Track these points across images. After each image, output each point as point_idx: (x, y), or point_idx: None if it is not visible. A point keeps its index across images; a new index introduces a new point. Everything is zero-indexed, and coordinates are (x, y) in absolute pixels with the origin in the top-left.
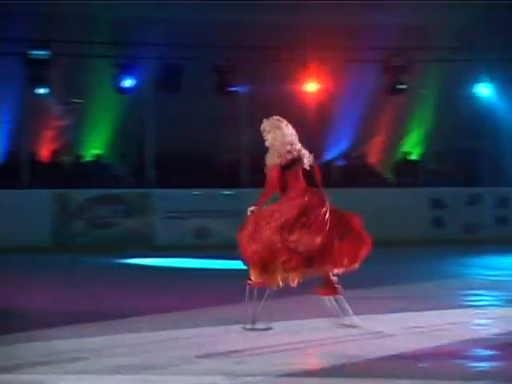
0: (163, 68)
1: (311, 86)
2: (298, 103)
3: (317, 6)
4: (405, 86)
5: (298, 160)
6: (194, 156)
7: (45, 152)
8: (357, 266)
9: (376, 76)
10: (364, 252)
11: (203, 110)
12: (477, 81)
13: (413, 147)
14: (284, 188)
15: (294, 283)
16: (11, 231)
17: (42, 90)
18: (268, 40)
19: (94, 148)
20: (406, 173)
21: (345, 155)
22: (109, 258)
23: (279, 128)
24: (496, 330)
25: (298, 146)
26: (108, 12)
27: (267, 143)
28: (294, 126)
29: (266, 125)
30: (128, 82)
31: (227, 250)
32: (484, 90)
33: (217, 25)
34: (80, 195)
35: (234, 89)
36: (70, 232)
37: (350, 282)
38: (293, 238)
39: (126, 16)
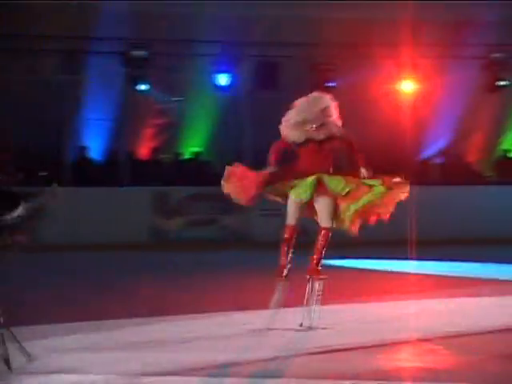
0: (261, 66)
1: (408, 84)
2: (395, 100)
3: (414, 2)
4: (505, 83)
5: None
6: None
7: (144, 150)
8: None
9: (475, 72)
10: None
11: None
12: None
13: None
14: None
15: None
16: (111, 229)
17: (141, 89)
18: (365, 37)
19: (192, 146)
20: (507, 170)
21: (442, 153)
22: (207, 256)
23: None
24: None
25: None
26: (206, 10)
27: (329, 119)
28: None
29: (323, 100)
30: (226, 80)
31: None
32: None
33: (314, 22)
34: (179, 193)
35: (330, 86)
36: (168, 230)
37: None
38: None
39: (224, 14)
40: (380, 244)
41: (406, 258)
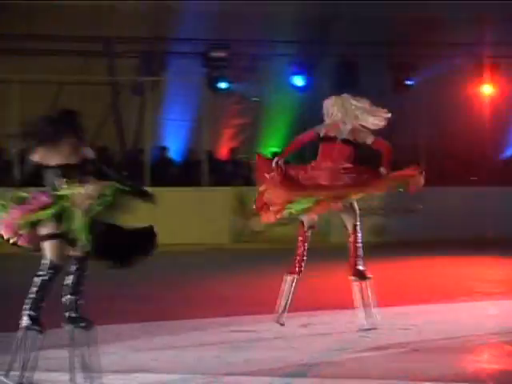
0: (340, 65)
1: (488, 83)
2: (475, 99)
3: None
4: None
5: None
6: (369, 154)
7: (223, 150)
8: None
9: None
10: None
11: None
12: None
13: None
14: None
15: None
16: (190, 229)
17: (220, 89)
18: (444, 35)
19: (271, 146)
20: None
21: None
22: (286, 255)
23: None
24: None
25: None
26: (284, 11)
27: None
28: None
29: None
30: (304, 80)
31: (403, 247)
32: None
33: (393, 20)
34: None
35: (409, 85)
36: (248, 230)
37: None
38: None
39: (303, 14)
40: (462, 243)
41: (488, 258)
